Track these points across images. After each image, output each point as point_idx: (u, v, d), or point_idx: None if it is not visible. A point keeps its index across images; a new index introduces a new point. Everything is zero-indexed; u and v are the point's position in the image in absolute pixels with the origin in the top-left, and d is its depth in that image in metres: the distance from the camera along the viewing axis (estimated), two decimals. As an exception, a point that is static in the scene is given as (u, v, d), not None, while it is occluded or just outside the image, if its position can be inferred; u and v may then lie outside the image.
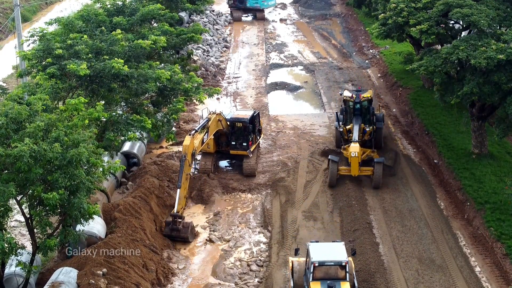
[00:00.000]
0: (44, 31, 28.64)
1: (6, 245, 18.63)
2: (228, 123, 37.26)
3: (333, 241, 26.92)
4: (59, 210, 20.06)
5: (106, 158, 29.50)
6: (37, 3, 72.72)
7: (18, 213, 24.47)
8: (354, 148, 34.51)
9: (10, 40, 61.90)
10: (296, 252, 26.74)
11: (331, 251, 25.40)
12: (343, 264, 24.65)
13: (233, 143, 37.52)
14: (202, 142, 33.85)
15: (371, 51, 58.53)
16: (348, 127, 37.48)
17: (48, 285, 25.07)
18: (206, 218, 33.96)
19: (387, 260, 29.22)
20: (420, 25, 32.74)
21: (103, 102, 25.47)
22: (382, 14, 36.79)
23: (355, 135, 35.61)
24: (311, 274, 24.64)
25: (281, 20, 71.85)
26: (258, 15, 70.94)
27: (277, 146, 40.94)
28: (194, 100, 31.81)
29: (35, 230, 20.99)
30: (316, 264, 24.64)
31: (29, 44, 29.74)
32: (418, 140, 41.13)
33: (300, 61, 57.55)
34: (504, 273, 28.16)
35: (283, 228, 32.37)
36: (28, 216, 20.56)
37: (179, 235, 31.57)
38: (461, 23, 34.02)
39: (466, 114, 37.66)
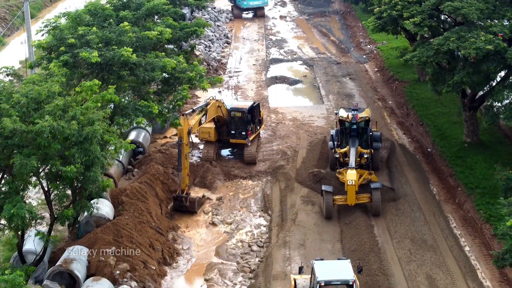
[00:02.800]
0: (57, 22, 30.13)
1: (27, 215, 20.18)
2: (228, 112, 38.83)
3: (338, 259, 26.26)
4: (75, 184, 21.59)
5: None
6: (42, -1, 74.22)
7: (33, 192, 25.94)
8: (351, 176, 32.18)
9: (16, 37, 63.34)
10: (300, 271, 26.08)
11: (337, 270, 24.36)
12: (350, 283, 23.49)
13: (233, 132, 39.01)
14: (200, 123, 35.25)
15: (368, 46, 60.04)
16: (344, 150, 35.33)
17: (60, 261, 26.62)
18: (209, 203, 35.47)
19: (381, 241, 30.77)
20: (413, 18, 34.23)
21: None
22: (378, 8, 38.28)
23: (352, 160, 33.47)
24: None
25: (281, 17, 73.35)
26: (258, 13, 72.47)
27: (277, 136, 42.46)
28: (198, 88, 33.24)
29: (52, 203, 22.48)
30: (322, 284, 23.56)
31: (43, 34, 31.25)
32: (413, 130, 42.68)
33: (300, 56, 59.08)
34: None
35: (282, 212, 33.90)
36: (47, 189, 22.06)
37: (187, 209, 33.93)
38: (452, 16, 35.42)
39: (459, 105, 39.15)
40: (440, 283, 27.92)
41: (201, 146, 40.52)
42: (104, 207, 31.02)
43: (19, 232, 22.38)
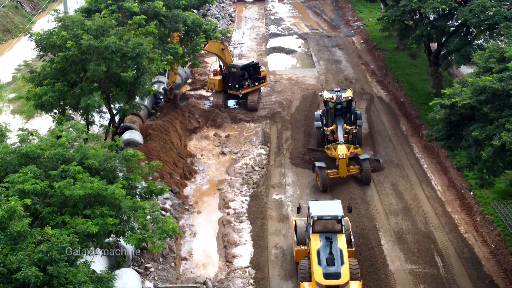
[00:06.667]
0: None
1: (97, 106, 27.96)
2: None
3: (331, 200, 30.45)
4: (129, 89, 29.43)
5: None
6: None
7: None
8: (342, 150, 35.21)
9: (42, 17, 70.95)
10: (299, 210, 30.13)
11: (328, 207, 27.93)
12: (339, 218, 27.21)
13: (229, 84, 46.79)
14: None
15: (356, 23, 67.89)
16: (331, 128, 38.17)
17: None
18: (219, 139, 43.28)
19: (358, 161, 38.58)
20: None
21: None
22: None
23: (340, 136, 36.57)
24: (311, 228, 27.23)
25: (279, 0, 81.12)
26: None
27: (275, 91, 50.32)
28: (213, 38, 41.05)
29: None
30: (315, 218, 27.13)
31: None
32: (390, 86, 50.55)
33: (295, 31, 66.97)
34: (445, 168, 37.61)
35: (279, 144, 41.76)
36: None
37: (172, 101, 44.21)
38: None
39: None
40: (401, 187, 35.83)
41: (211, 98, 48.39)
42: (136, 136, 38.97)
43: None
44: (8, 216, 15.02)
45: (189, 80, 52.74)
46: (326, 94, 39.10)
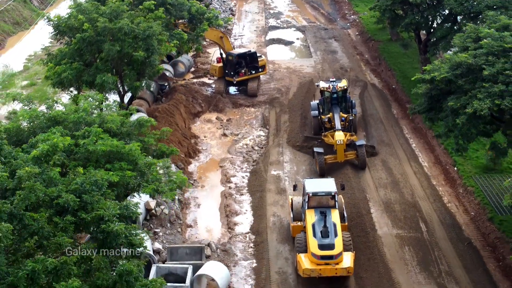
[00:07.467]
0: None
1: (111, 82, 30.70)
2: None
3: (324, 178, 32.56)
4: (140, 67, 32.21)
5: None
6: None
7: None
8: (339, 136, 36.87)
9: (50, 10, 73.67)
10: (295, 188, 32.12)
11: (323, 185, 29.82)
12: (333, 194, 29.16)
13: (226, 71, 49.48)
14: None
15: (352, 17, 70.61)
16: (327, 116, 39.69)
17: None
18: (221, 122, 45.98)
19: (351, 141, 41.28)
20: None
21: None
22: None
23: (337, 123, 38.15)
24: (306, 203, 29.13)
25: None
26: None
27: (273, 79, 53.03)
28: (214, 26, 43.81)
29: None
30: (310, 195, 29.05)
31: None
32: (383, 74, 53.25)
33: (293, 24, 69.70)
34: (431, 146, 40.34)
35: (277, 126, 44.46)
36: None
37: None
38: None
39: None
40: (391, 164, 38.54)
41: (213, 85, 51.13)
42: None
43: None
44: (52, 150, 17.74)
45: (192, 69, 55.49)
46: (322, 84, 40.82)
